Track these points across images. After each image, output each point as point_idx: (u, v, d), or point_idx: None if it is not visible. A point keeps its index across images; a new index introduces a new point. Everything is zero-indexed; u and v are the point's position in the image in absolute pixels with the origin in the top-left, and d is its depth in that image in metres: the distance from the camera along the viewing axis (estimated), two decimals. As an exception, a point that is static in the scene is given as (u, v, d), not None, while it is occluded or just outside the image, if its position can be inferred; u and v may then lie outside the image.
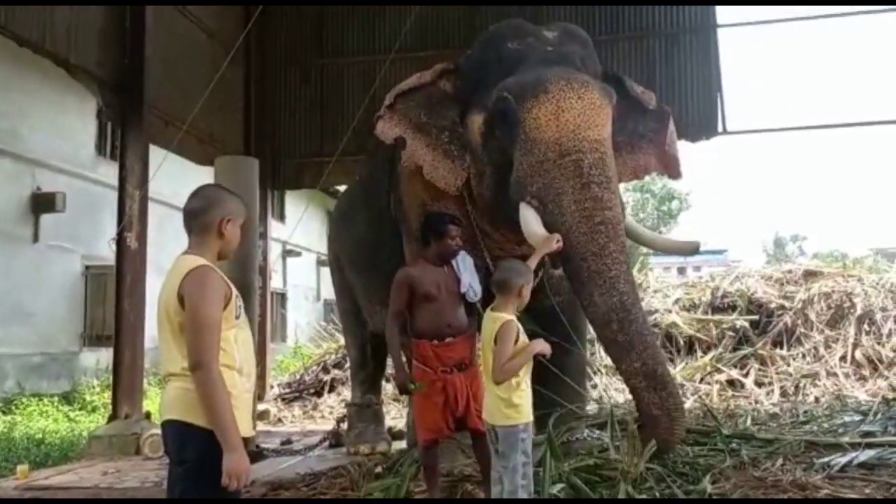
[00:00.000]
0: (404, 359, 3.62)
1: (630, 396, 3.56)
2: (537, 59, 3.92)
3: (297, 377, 11.50)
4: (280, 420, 8.81)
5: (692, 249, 4.08)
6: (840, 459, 3.46)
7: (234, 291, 2.20)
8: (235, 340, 2.17)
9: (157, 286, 7.88)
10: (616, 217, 3.53)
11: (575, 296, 3.72)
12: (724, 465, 3.52)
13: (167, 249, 12.71)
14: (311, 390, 10.92)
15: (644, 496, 3.09)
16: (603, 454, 3.77)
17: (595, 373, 7.89)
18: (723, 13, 8.73)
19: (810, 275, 10.50)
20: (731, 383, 8.77)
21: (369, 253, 4.94)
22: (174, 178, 10.31)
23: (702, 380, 8.90)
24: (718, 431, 3.96)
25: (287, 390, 11.00)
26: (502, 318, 2.92)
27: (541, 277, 3.93)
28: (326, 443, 6.27)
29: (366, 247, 5.03)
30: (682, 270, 46.49)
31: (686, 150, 8.73)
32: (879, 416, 4.58)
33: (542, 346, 2.92)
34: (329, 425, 7.59)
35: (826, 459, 3.49)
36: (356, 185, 5.63)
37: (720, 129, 8.42)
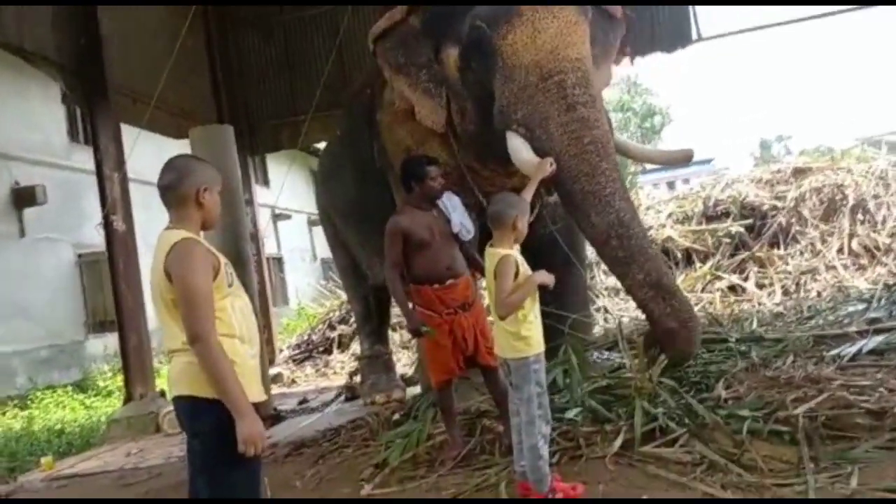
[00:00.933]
0: (411, 305, 3.60)
1: (638, 313, 3.56)
2: None
3: (305, 338, 11.56)
4: (294, 381, 8.89)
5: (686, 157, 4.02)
6: (849, 349, 3.50)
7: (223, 259, 2.17)
8: (232, 308, 2.15)
9: (146, 266, 7.78)
10: (605, 135, 3.47)
11: (571, 219, 3.69)
12: (735, 370, 3.55)
13: (157, 228, 12.68)
14: (321, 349, 11.00)
15: (660, 410, 3.12)
16: (615, 373, 3.79)
17: (597, 296, 7.92)
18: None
19: (800, 172, 10.48)
20: (733, 289, 8.83)
21: (360, 206, 4.89)
22: (152, 155, 10.13)
23: (703, 289, 8.96)
24: (726, 337, 3.99)
25: (297, 352, 11.08)
26: (499, 253, 2.89)
27: (539, 207, 3.90)
28: (342, 397, 6.34)
29: (355, 200, 4.97)
30: (671, 185, 46.40)
31: (662, 61, 8.64)
32: (883, 301, 4.61)
33: (544, 277, 2.90)
34: (342, 380, 7.66)
35: (836, 351, 3.52)
36: (337, 140, 5.53)
37: (694, 36, 8.27)
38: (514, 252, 2.94)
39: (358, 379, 6.19)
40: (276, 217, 16.18)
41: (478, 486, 3.07)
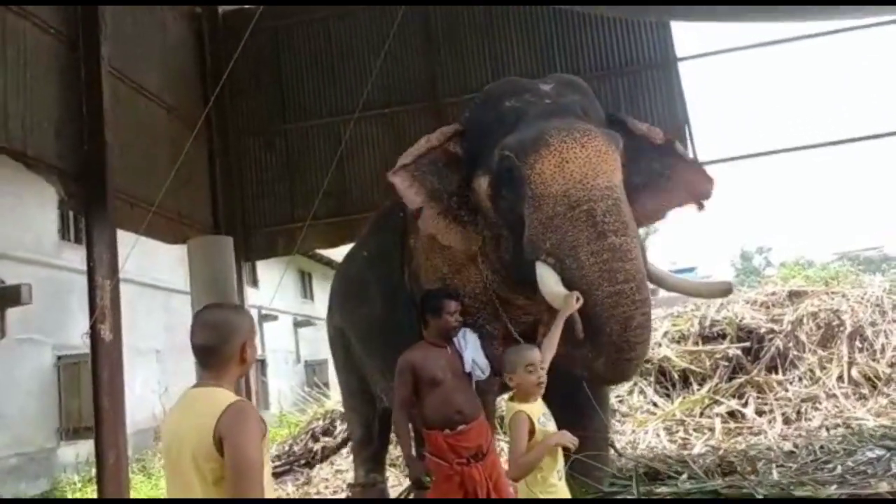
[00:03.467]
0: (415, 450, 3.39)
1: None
2: (536, 114, 3.82)
3: (286, 448, 11.11)
4: (279, 496, 8.42)
5: (725, 291, 3.91)
6: (887, 516, 3.31)
7: (265, 425, 2.01)
8: (268, 480, 2.00)
9: (130, 370, 7.51)
10: (639, 270, 3.37)
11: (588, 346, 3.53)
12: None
13: (139, 330, 12.32)
14: (302, 461, 10.55)
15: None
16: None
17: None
18: (682, 47, 8.73)
19: (795, 295, 10.48)
20: (732, 414, 8.63)
21: (384, 331, 4.69)
22: (143, 255, 9.98)
23: (701, 413, 8.76)
24: (752, 493, 3.77)
25: (277, 463, 10.61)
26: (513, 408, 2.73)
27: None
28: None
29: (380, 325, 4.79)
30: (654, 292, 46.90)
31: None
32: (906, 451, 4.44)
33: (563, 438, 2.72)
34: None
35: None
36: (362, 259, 5.40)
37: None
38: (532, 407, 2.77)
39: (349, 508, 5.84)
40: (263, 317, 15.94)
41: None
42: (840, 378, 8.81)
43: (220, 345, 2.02)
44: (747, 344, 9.59)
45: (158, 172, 6.87)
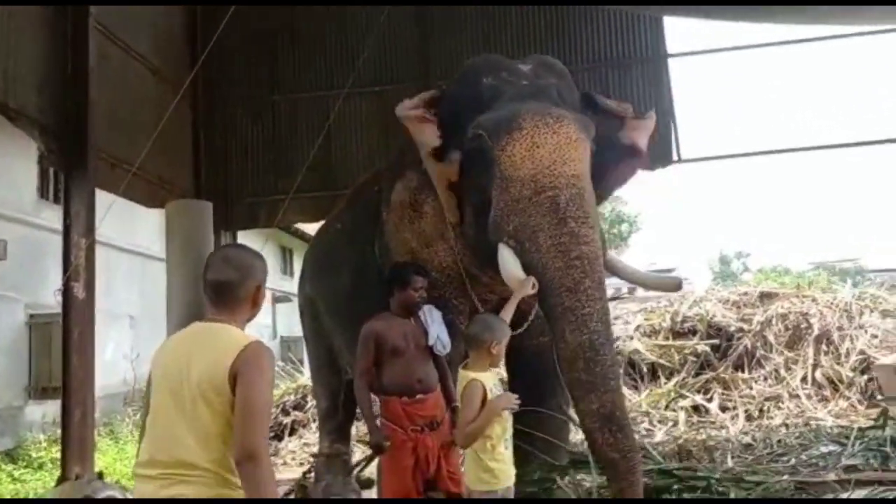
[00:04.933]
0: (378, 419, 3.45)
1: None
2: (512, 94, 3.85)
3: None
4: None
5: (675, 286, 4.00)
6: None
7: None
8: None
9: (102, 335, 7.52)
10: (593, 252, 3.42)
11: (551, 333, 3.60)
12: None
13: (114, 295, 12.24)
14: (271, 434, 10.60)
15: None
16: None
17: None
18: (673, 43, 8.80)
19: (766, 296, 10.65)
20: (696, 409, 8.79)
21: (354, 303, 4.71)
22: (122, 220, 9.94)
23: (667, 406, 8.90)
24: (708, 475, 3.86)
25: (245, 433, 10.65)
26: (468, 376, 2.78)
27: (531, 319, 3.83)
28: (292, 494, 6.02)
29: (350, 297, 4.82)
30: (632, 291, 47.21)
31: (641, 177, 8.86)
32: (858, 447, 4.55)
33: (505, 401, 2.78)
34: (292, 473, 7.32)
35: (820, 502, 3.43)
36: (336, 232, 5.42)
37: (675, 157, 8.49)
38: (487, 376, 2.82)
39: (312, 477, 5.89)
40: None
41: None
42: (804, 379, 8.99)
43: (238, 282, 2.03)
44: (716, 341, 9.76)
45: (142, 134, 6.83)
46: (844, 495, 3.42)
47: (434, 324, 3.54)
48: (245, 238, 15.24)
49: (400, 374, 3.40)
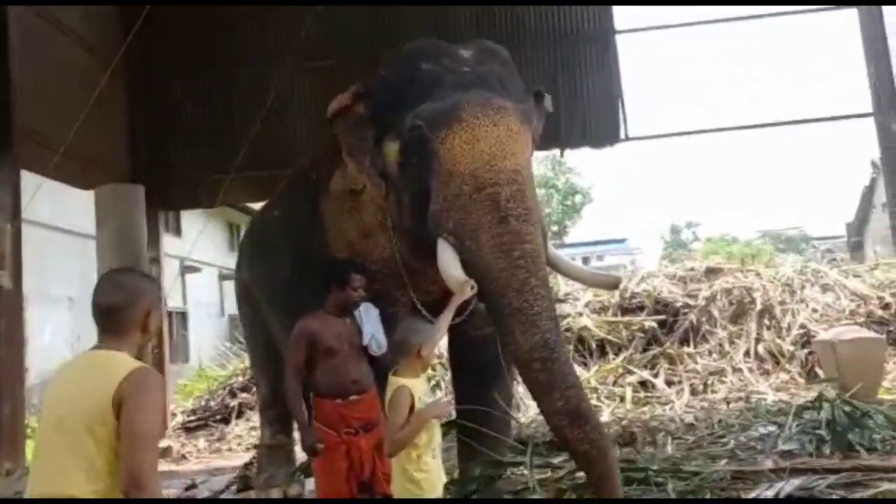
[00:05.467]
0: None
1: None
2: (452, 82, 3.70)
3: (203, 403, 10.96)
4: (184, 457, 8.30)
5: (614, 284, 3.97)
6: (767, 493, 3.43)
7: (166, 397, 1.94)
8: None
9: (39, 319, 7.31)
10: (536, 250, 3.35)
11: (497, 332, 3.53)
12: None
13: (50, 277, 11.79)
14: (218, 417, 10.43)
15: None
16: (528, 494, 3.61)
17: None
18: (620, 20, 8.74)
19: (712, 271, 10.81)
20: (643, 384, 8.91)
21: (291, 294, 4.55)
22: (58, 199, 9.55)
23: (614, 382, 9.00)
24: (646, 466, 3.87)
25: (192, 418, 10.46)
26: (397, 383, 2.69)
27: (471, 309, 3.75)
28: (234, 486, 5.92)
29: (287, 287, 4.66)
30: (586, 260, 47.82)
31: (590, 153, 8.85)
32: (794, 429, 4.62)
33: (436, 409, 2.70)
34: (237, 459, 7.21)
35: (753, 494, 3.44)
36: (273, 219, 5.24)
37: (623, 135, 8.48)
38: (417, 382, 2.74)
39: (254, 468, 5.78)
40: (186, 269, 15.55)
41: None
42: (747, 353, 9.17)
43: (125, 307, 1.94)
44: (663, 317, 9.88)
45: (73, 112, 6.52)
46: (779, 485, 3.46)
47: (369, 323, 3.44)
48: (189, 214, 14.96)
49: (334, 375, 3.31)
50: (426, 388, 2.77)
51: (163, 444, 8.32)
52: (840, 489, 3.49)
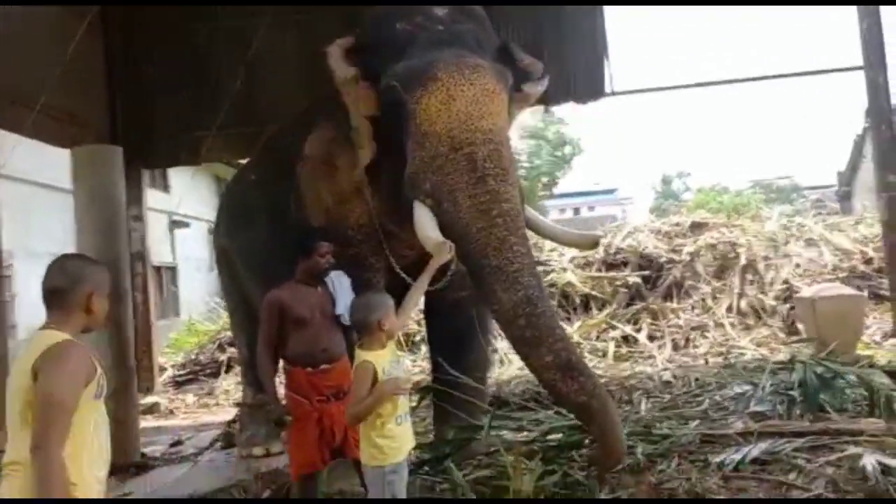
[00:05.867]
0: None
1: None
2: (427, 41, 3.64)
3: (192, 357, 11.07)
4: (172, 412, 8.38)
5: (592, 243, 3.97)
6: (734, 456, 3.48)
7: (99, 370, 2.05)
8: (94, 425, 2.02)
9: (25, 275, 7.28)
10: (514, 209, 3.34)
11: (478, 293, 3.53)
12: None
13: (35, 233, 11.69)
14: (208, 371, 10.53)
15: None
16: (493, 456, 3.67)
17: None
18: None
19: (697, 226, 10.85)
20: (626, 339, 9.00)
21: (268, 257, 4.55)
22: (41, 155, 9.39)
23: (597, 337, 9.09)
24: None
25: (182, 372, 10.56)
26: (360, 356, 2.72)
27: (449, 272, 3.75)
28: (218, 444, 6.00)
29: (264, 251, 4.65)
30: (577, 211, 47.81)
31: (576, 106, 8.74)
32: (768, 389, 4.68)
33: (393, 385, 2.72)
34: (225, 415, 7.30)
35: (721, 458, 3.50)
36: (250, 183, 5.19)
37: (608, 90, 8.35)
38: (382, 354, 2.75)
39: (237, 427, 5.85)
40: (174, 224, 15.48)
41: None
42: (729, 309, 9.25)
43: (65, 290, 2.05)
44: (647, 272, 9.94)
45: (49, 69, 6.37)
46: (745, 449, 3.52)
47: (342, 292, 3.43)
48: (177, 169, 14.81)
49: (304, 345, 3.31)
50: (393, 357, 2.78)
51: (150, 399, 8.41)
52: (806, 452, 3.55)
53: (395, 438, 2.71)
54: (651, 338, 8.95)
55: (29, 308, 12.20)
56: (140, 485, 4.96)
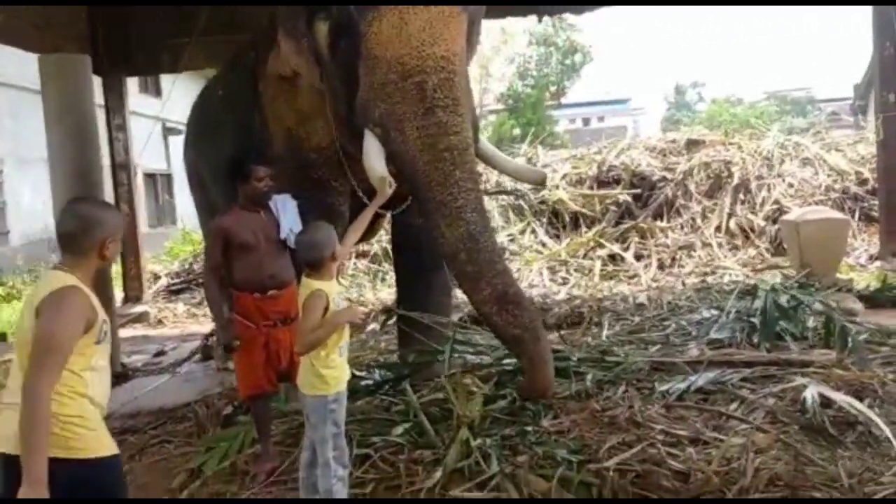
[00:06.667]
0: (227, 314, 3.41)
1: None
2: None
3: (187, 266, 11.17)
4: (161, 322, 8.52)
5: (539, 180, 3.92)
6: (678, 386, 3.51)
7: (101, 315, 2.07)
8: (93, 369, 2.06)
9: (16, 182, 7.34)
10: (462, 142, 3.25)
11: (426, 224, 3.51)
12: (567, 393, 3.53)
13: (24, 139, 11.59)
14: (200, 280, 10.64)
15: (480, 441, 3.07)
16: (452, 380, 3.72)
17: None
18: None
19: (693, 144, 10.66)
20: (613, 257, 9.01)
21: (235, 174, 4.50)
22: (28, 61, 9.21)
23: (585, 255, 9.10)
24: (568, 355, 3.96)
25: (175, 280, 10.69)
26: (312, 285, 2.70)
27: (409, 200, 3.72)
28: (197, 356, 6.13)
29: (231, 167, 4.59)
30: (586, 121, 47.04)
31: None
32: (731, 316, 4.68)
33: (350, 313, 2.73)
34: (211, 325, 7.42)
35: (666, 387, 3.53)
36: (217, 99, 5.06)
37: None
38: (330, 285, 2.75)
39: (214, 340, 5.95)
40: (168, 131, 15.31)
41: (288, 511, 2.97)
42: (718, 228, 9.21)
43: (80, 235, 2.07)
44: (639, 190, 9.86)
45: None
46: (692, 378, 3.55)
47: (287, 216, 3.39)
48: (169, 75, 14.52)
49: (251, 271, 3.30)
50: (340, 289, 2.79)
51: (139, 309, 8.55)
52: (753, 383, 3.58)
53: (337, 368, 2.73)
54: (638, 257, 8.95)
55: (23, 214, 12.31)
56: (116, 395, 5.06)
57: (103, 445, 2.05)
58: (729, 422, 3.22)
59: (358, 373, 4.34)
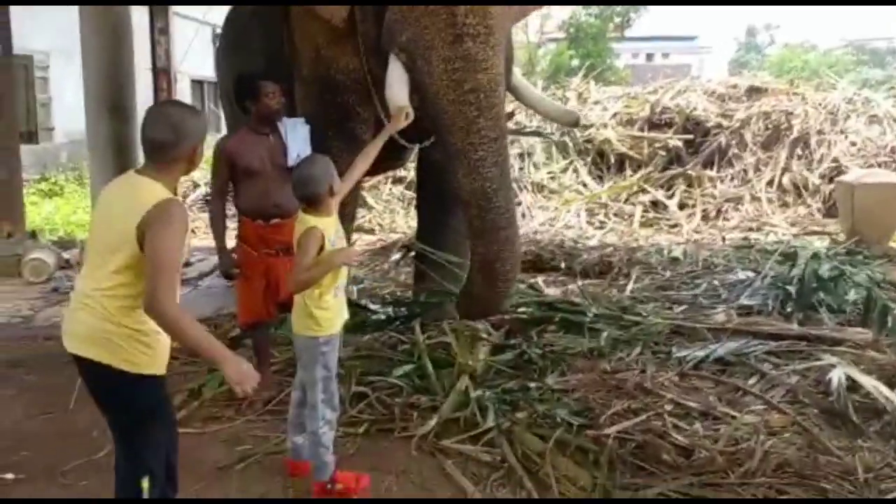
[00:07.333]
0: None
1: None
2: None
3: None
4: (193, 231, 8.52)
5: (572, 121, 3.69)
6: (698, 353, 3.33)
7: (189, 226, 2.07)
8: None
9: (61, 77, 7.27)
10: (491, 81, 3.02)
11: (445, 163, 3.34)
12: (577, 351, 3.38)
13: (64, 35, 11.49)
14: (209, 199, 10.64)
15: (478, 393, 2.96)
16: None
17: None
18: None
19: (755, 91, 10.10)
20: (655, 204, 8.70)
21: None
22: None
23: (627, 199, 8.80)
24: (584, 310, 3.78)
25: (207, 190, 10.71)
26: (307, 222, 2.54)
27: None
28: (217, 272, 6.12)
29: None
30: (649, 56, 45.40)
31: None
32: (767, 281, 4.43)
33: (346, 255, 2.58)
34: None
35: (683, 353, 3.35)
36: (249, 14, 4.86)
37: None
38: (328, 222, 2.59)
39: (236, 256, 5.90)
40: (217, 36, 15.10)
41: (278, 442, 2.92)
42: (770, 183, 8.78)
43: (173, 144, 2.03)
44: (691, 136, 9.40)
45: None
46: (712, 347, 3.35)
47: (295, 141, 3.23)
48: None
49: (256, 197, 3.18)
50: (337, 226, 2.63)
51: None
52: (777, 357, 3.37)
53: (330, 310, 2.60)
54: (682, 206, 8.62)
55: (66, 113, 12.32)
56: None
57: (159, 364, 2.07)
58: (745, 397, 3.05)
59: (373, 305, 4.28)
